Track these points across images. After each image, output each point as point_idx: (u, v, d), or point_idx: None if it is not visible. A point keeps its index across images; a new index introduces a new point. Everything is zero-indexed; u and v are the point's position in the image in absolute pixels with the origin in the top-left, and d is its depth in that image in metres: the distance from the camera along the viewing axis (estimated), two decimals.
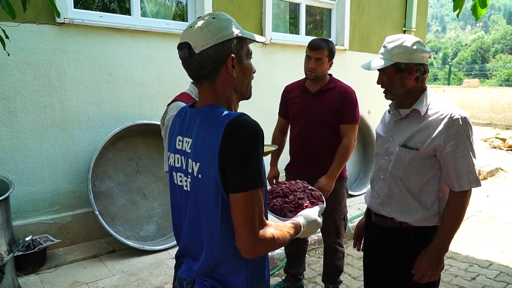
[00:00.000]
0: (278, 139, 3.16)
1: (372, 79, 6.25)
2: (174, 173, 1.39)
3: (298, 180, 1.86)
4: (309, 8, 5.65)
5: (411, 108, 1.91)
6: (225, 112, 1.25)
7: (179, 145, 1.36)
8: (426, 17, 7.18)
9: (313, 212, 1.47)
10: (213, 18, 1.29)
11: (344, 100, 2.84)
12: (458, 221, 1.85)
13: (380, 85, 1.96)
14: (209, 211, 1.26)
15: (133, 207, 3.94)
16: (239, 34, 1.30)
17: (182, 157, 1.34)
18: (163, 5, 4.43)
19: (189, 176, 1.31)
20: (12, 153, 3.40)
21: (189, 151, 1.30)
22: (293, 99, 3.00)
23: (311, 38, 5.43)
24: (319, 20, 6.00)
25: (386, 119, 2.12)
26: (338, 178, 2.89)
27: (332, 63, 2.88)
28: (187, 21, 4.38)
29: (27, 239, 3.35)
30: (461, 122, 1.78)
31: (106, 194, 3.81)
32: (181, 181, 1.36)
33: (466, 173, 1.79)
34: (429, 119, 1.85)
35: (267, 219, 1.39)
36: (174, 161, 1.38)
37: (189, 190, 1.33)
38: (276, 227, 1.27)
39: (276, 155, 3.14)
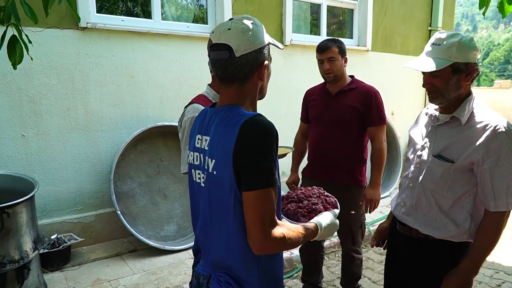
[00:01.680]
0: (300, 144, 3.12)
1: (395, 80, 6.16)
2: (193, 170, 1.44)
3: (314, 187, 1.85)
4: (330, 9, 5.62)
5: (450, 116, 1.75)
6: (242, 112, 1.29)
7: (198, 143, 1.40)
8: (453, 16, 7.01)
9: (328, 215, 1.49)
10: (252, 23, 1.32)
11: (368, 101, 2.75)
12: (491, 244, 1.70)
13: (427, 88, 1.76)
14: (222, 208, 1.30)
15: (154, 208, 4.01)
16: (270, 42, 1.38)
17: (201, 154, 1.38)
18: (184, 8, 4.49)
19: (205, 173, 1.35)
20: (38, 154, 3.51)
21: (206, 148, 1.34)
22: (313, 102, 2.95)
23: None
24: (341, 20, 5.95)
25: (422, 121, 1.96)
26: (357, 185, 2.84)
27: (347, 59, 2.81)
28: (207, 23, 4.43)
29: (52, 237, 3.46)
30: (505, 136, 1.61)
31: (128, 195, 3.89)
32: (199, 178, 1.40)
33: (505, 193, 1.63)
34: (470, 129, 1.69)
35: (279, 219, 1.40)
36: (193, 159, 1.43)
37: (203, 186, 1.37)
38: (289, 227, 1.29)
39: (297, 160, 3.10)
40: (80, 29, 3.59)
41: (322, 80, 2.96)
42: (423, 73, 1.76)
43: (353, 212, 2.76)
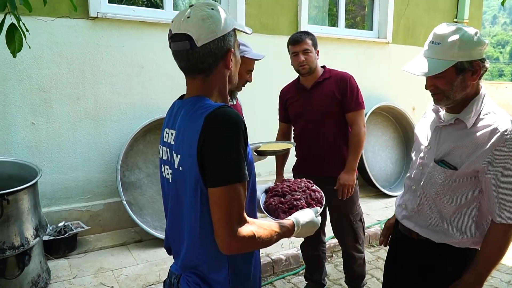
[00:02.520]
0: None
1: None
2: (162, 166, 1.37)
3: (303, 179, 1.78)
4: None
5: (456, 117, 1.61)
6: (208, 104, 1.22)
7: (165, 137, 1.34)
8: (481, 8, 6.71)
9: (308, 213, 1.42)
10: (212, 9, 1.24)
11: (344, 88, 2.70)
12: (497, 257, 1.58)
13: (431, 90, 1.61)
14: (189, 205, 1.24)
15: (161, 198, 4.01)
16: (235, 27, 1.29)
17: (168, 149, 1.32)
18: None
19: (172, 168, 1.29)
20: (48, 143, 3.56)
21: (172, 143, 1.29)
22: (290, 100, 2.89)
23: (350, 31, 5.29)
24: (360, 11, 5.78)
25: (428, 118, 1.82)
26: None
27: (319, 51, 2.76)
28: None
29: (59, 224, 3.51)
30: None
31: (135, 185, 3.91)
32: (167, 174, 1.34)
33: None
34: (476, 133, 1.54)
35: (254, 216, 1.35)
36: (162, 154, 1.36)
37: (171, 182, 1.32)
38: (259, 225, 1.22)
39: (281, 162, 3.02)
40: (90, 19, 3.61)
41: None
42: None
43: (334, 188, 2.68)
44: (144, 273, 3.22)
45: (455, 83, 1.53)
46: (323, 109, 2.72)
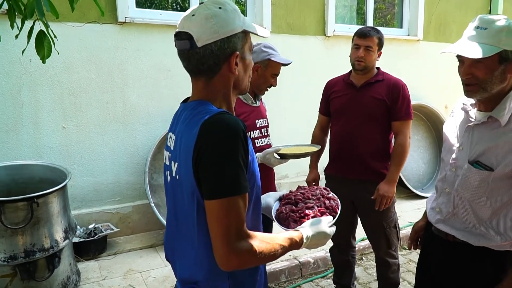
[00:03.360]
0: (318, 138, 2.96)
1: (449, 72, 5.76)
2: (165, 171, 1.32)
3: (319, 186, 1.71)
4: None
5: (489, 114, 1.54)
6: (208, 109, 1.15)
7: (169, 142, 1.29)
8: None
9: (319, 223, 1.32)
10: (220, 8, 1.17)
11: (395, 94, 2.60)
12: None
13: (466, 79, 1.53)
14: (187, 216, 1.18)
15: None
16: (245, 29, 1.20)
17: (169, 154, 1.27)
18: None
19: (171, 176, 1.24)
20: (78, 146, 3.63)
21: (172, 148, 1.24)
22: (335, 94, 2.78)
23: (379, 28, 5.16)
24: (389, 9, 5.64)
25: (457, 117, 1.75)
26: (378, 182, 2.65)
27: (381, 53, 2.68)
28: (246, 15, 4.36)
29: (90, 226, 3.57)
30: None
31: (163, 187, 3.93)
32: (169, 180, 1.28)
33: None
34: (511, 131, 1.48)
35: (259, 229, 1.27)
36: (165, 158, 1.32)
37: (169, 190, 1.27)
38: (262, 239, 1.13)
39: (316, 156, 2.93)
40: (119, 24, 3.66)
41: None
42: (462, 61, 1.54)
43: (372, 197, 2.59)
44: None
45: (495, 73, 1.46)
46: (369, 111, 2.62)
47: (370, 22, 5.14)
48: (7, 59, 3.31)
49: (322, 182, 2.97)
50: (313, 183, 2.92)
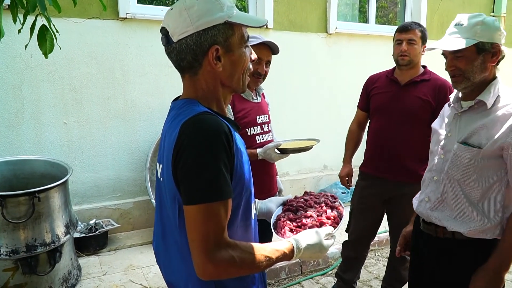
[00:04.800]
0: (355, 133, 2.91)
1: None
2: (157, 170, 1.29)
3: (327, 193, 1.65)
4: None
5: (475, 100, 1.65)
6: (192, 109, 1.09)
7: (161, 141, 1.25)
8: None
9: (314, 234, 1.24)
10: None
11: (442, 96, 2.48)
12: None
13: (451, 71, 1.68)
14: (170, 220, 1.14)
15: None
16: (228, 20, 1.10)
17: (159, 153, 1.24)
18: None
19: (156, 177, 1.21)
20: (79, 142, 3.64)
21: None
22: (377, 89, 2.70)
23: (381, 27, 5.16)
24: (392, 7, 5.63)
25: (445, 113, 1.87)
26: (415, 184, 2.50)
27: (425, 47, 2.55)
28: (247, 12, 4.36)
29: (90, 222, 3.58)
30: None
31: None
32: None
33: None
34: (497, 112, 1.60)
35: (249, 238, 1.19)
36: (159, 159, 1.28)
37: (156, 191, 1.25)
38: (244, 249, 1.07)
39: (351, 151, 2.91)
40: (120, 20, 3.66)
41: (369, 70, 2.77)
42: (445, 56, 1.69)
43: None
44: None
45: (475, 63, 1.61)
46: (412, 112, 2.53)
47: (372, 20, 5.13)
48: (9, 55, 3.30)
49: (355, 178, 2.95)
50: (346, 178, 2.88)
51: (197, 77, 1.14)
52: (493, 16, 5.95)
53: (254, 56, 1.21)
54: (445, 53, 1.68)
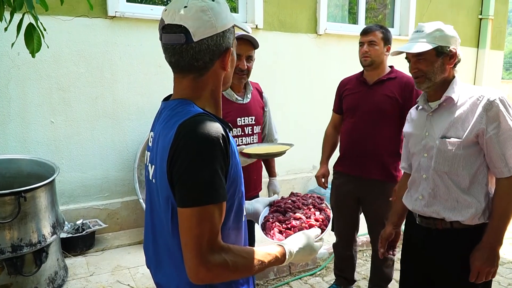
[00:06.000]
0: (331, 136, 3.01)
1: None
2: (146, 171, 1.26)
3: (313, 195, 1.66)
4: None
5: (443, 97, 1.82)
6: (188, 110, 1.08)
7: (150, 141, 1.23)
8: (507, 3, 6.50)
9: (304, 237, 1.24)
10: (213, 0, 1.10)
11: (408, 92, 2.60)
12: (510, 210, 1.74)
13: (414, 73, 1.84)
14: (162, 222, 1.12)
15: None
16: (235, 24, 1.15)
17: (149, 154, 1.21)
18: None
19: (148, 179, 1.19)
20: (66, 141, 3.60)
21: (151, 150, 1.18)
22: (348, 91, 2.81)
23: None
24: (380, 8, 5.67)
25: (414, 117, 2.01)
26: (392, 181, 2.66)
27: (390, 48, 2.68)
28: (238, 12, 4.35)
29: (77, 222, 3.55)
30: (499, 103, 1.70)
31: None
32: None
33: None
34: (464, 105, 1.77)
35: (239, 242, 1.19)
36: (146, 158, 1.25)
37: (146, 192, 1.23)
38: (237, 253, 1.06)
39: (327, 153, 3.00)
40: (109, 18, 3.63)
41: (359, 69, 2.84)
42: (409, 60, 1.85)
43: (391, 199, 2.57)
44: None
45: (435, 65, 1.78)
46: (380, 108, 2.64)
47: (361, 22, 5.16)
48: None
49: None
50: (322, 179, 2.94)
51: (203, 78, 1.13)
52: (481, 18, 6.02)
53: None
54: (408, 57, 1.85)
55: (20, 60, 3.34)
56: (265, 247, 1.16)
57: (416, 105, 2.00)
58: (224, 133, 1.04)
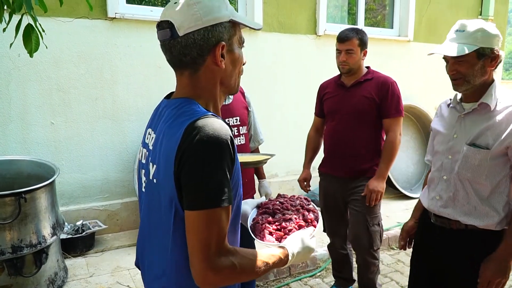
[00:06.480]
0: (313, 139, 3.06)
1: (439, 72, 5.74)
2: (140, 169, 1.22)
3: (300, 196, 1.64)
4: None
5: (478, 102, 1.74)
6: (194, 110, 1.06)
7: (147, 138, 1.20)
8: (507, 3, 6.50)
9: (301, 238, 1.24)
10: None
11: (384, 92, 2.64)
12: None
13: (452, 75, 1.76)
14: (161, 224, 1.10)
15: None
16: (233, 18, 1.11)
17: (147, 152, 1.18)
18: None
19: (147, 178, 1.15)
20: (66, 142, 3.61)
21: (151, 148, 1.15)
22: (327, 95, 2.85)
23: (369, 29, 5.20)
24: (380, 9, 5.68)
25: (444, 113, 1.95)
26: (372, 176, 2.70)
27: (366, 52, 2.70)
28: (237, 12, 4.35)
29: (77, 223, 3.56)
30: None
31: None
32: (144, 180, 1.19)
33: None
34: (500, 114, 1.70)
35: (236, 242, 1.19)
36: (141, 156, 1.22)
37: (144, 191, 1.19)
38: (244, 255, 1.06)
39: (309, 156, 3.04)
40: (109, 19, 3.64)
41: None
42: (447, 60, 1.77)
43: (362, 194, 2.66)
44: None
45: (476, 67, 1.69)
46: (358, 110, 2.67)
47: (361, 22, 5.17)
48: None
49: (314, 180, 3.04)
50: (304, 182, 2.98)
51: (198, 74, 1.12)
52: (481, 19, 6.02)
53: (244, 59, 1.22)
54: (446, 58, 1.76)
55: (21, 61, 3.35)
56: (268, 249, 1.16)
57: (446, 102, 1.96)
58: (231, 136, 1.04)
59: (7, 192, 2.52)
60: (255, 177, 2.69)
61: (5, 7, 2.03)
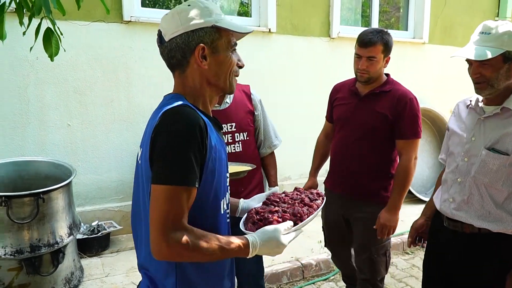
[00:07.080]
0: (322, 145, 2.76)
1: (455, 75, 5.70)
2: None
3: (314, 190, 1.59)
4: None
5: (501, 106, 1.70)
6: (175, 102, 1.20)
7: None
8: None
9: (270, 231, 1.25)
10: (188, 5, 1.24)
11: (400, 109, 2.30)
12: None
13: (475, 78, 1.69)
14: (144, 202, 1.21)
15: None
16: (216, 24, 1.22)
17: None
18: (226, 0, 4.47)
19: (136, 162, 1.30)
20: (83, 144, 3.66)
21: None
22: (339, 100, 2.54)
23: None
24: (394, 11, 5.65)
25: (462, 113, 1.89)
26: (379, 202, 2.40)
27: (389, 58, 2.36)
28: (251, 16, 4.38)
29: (93, 224, 3.60)
30: None
31: None
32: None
33: None
34: None
35: (217, 231, 1.23)
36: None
37: (135, 174, 1.33)
38: (201, 236, 1.12)
39: (317, 164, 2.75)
40: (124, 23, 3.69)
41: None
42: (470, 63, 1.71)
43: (374, 227, 2.38)
44: None
45: (501, 71, 1.63)
46: (368, 125, 2.35)
47: (375, 25, 5.14)
48: (15, 57, 3.34)
49: (321, 189, 2.92)
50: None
51: (185, 74, 1.25)
52: (497, 20, 5.95)
53: (242, 62, 1.33)
54: (469, 60, 1.70)
55: (39, 64, 3.42)
56: (230, 237, 1.21)
57: (465, 102, 1.88)
58: (202, 125, 1.14)
59: (26, 193, 2.58)
60: (266, 183, 2.52)
61: (25, 11, 2.08)
